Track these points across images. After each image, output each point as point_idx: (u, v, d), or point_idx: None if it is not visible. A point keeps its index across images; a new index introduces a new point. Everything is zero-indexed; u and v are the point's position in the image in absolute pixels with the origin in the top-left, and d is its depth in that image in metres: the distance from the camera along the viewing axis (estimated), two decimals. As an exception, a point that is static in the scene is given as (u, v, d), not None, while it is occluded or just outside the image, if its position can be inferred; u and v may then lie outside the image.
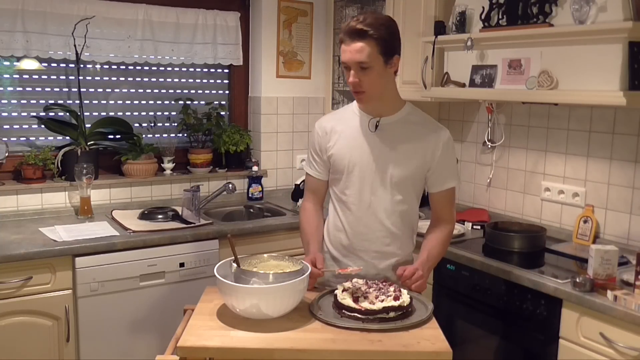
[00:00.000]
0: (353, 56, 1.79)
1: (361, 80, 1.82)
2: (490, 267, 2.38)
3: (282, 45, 3.62)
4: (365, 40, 1.77)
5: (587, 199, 2.69)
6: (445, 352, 1.52)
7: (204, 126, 3.49)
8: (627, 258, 2.34)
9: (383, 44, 1.79)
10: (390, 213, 1.96)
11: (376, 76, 1.82)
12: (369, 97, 1.87)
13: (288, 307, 1.67)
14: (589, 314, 2.03)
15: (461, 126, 3.31)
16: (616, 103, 2.10)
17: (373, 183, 1.94)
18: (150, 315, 2.70)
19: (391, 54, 1.83)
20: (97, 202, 3.10)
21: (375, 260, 1.99)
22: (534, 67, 2.38)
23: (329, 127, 2.02)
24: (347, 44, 1.81)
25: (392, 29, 1.83)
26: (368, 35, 1.77)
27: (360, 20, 1.78)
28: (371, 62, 1.79)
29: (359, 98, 1.89)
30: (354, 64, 1.80)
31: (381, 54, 1.80)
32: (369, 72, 1.81)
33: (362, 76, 1.82)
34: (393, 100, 1.95)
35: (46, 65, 3.09)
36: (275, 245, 2.93)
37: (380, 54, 1.79)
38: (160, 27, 3.29)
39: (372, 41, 1.77)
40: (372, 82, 1.83)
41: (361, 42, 1.77)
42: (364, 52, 1.78)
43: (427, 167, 1.94)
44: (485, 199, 3.19)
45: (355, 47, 1.78)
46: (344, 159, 1.97)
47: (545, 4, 2.31)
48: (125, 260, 2.61)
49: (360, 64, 1.79)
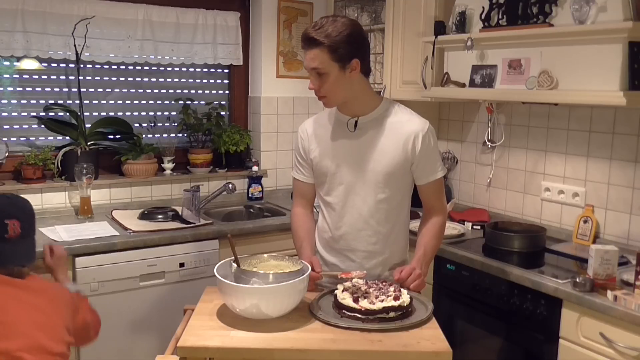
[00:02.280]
0: (308, 63, 1.84)
1: (320, 86, 1.86)
2: (490, 267, 2.38)
3: (282, 45, 3.62)
4: (318, 48, 1.80)
5: (587, 199, 2.69)
6: (445, 352, 1.52)
7: (204, 126, 3.49)
8: (627, 258, 2.34)
9: (335, 51, 1.80)
10: (375, 212, 1.96)
11: (334, 81, 1.84)
12: (330, 101, 1.91)
13: (288, 307, 1.67)
14: (589, 314, 2.03)
15: (461, 126, 3.31)
16: (616, 103, 2.10)
17: (356, 183, 1.95)
18: (150, 315, 2.70)
19: (348, 59, 1.83)
20: (97, 202, 3.10)
21: (364, 260, 2.00)
22: (534, 67, 2.38)
23: (310, 130, 2.04)
24: (304, 51, 1.86)
25: (350, 34, 1.81)
26: (319, 42, 1.79)
27: (315, 28, 1.81)
28: (325, 68, 1.82)
29: (322, 102, 1.93)
30: (311, 70, 1.85)
31: (334, 60, 1.81)
32: (326, 78, 1.84)
33: (320, 82, 1.85)
34: (368, 99, 1.95)
35: (46, 65, 3.09)
36: (275, 245, 2.93)
37: (333, 61, 1.81)
38: (160, 27, 3.29)
39: (324, 49, 1.79)
40: (330, 87, 1.85)
41: (314, 49, 1.81)
42: (317, 60, 1.81)
43: (409, 162, 1.93)
44: (485, 199, 3.19)
45: (310, 54, 1.82)
46: (325, 161, 1.98)
47: (545, 4, 2.31)
48: (125, 260, 2.61)
49: (316, 70, 1.83)
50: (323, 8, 3.69)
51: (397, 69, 3.12)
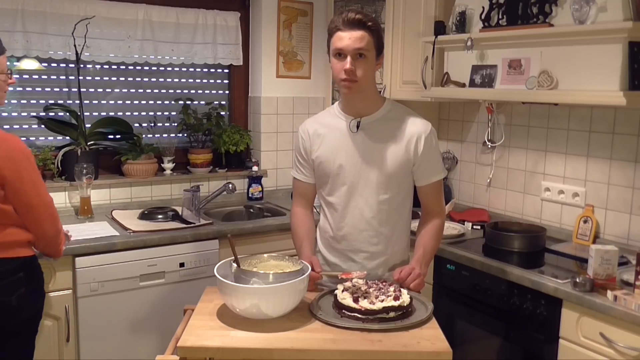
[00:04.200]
0: (353, 43, 1.81)
1: (356, 68, 1.84)
2: (490, 267, 2.38)
3: (282, 45, 3.62)
4: (366, 30, 1.83)
5: (587, 199, 2.69)
6: (445, 352, 1.52)
7: (204, 126, 3.49)
8: (627, 258, 2.34)
9: (378, 37, 1.86)
10: (377, 212, 1.96)
11: (369, 67, 1.86)
12: (359, 87, 1.87)
13: (288, 307, 1.67)
14: (589, 314, 2.03)
15: (461, 126, 3.31)
16: (616, 103, 2.10)
17: (358, 184, 1.95)
18: (150, 315, 2.70)
19: (381, 50, 1.89)
20: (97, 202, 3.10)
21: (366, 260, 2.00)
22: (534, 67, 2.38)
23: (312, 130, 2.03)
24: (345, 32, 1.82)
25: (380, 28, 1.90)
26: (367, 26, 1.82)
27: (358, 12, 1.84)
28: (369, 51, 1.84)
29: (349, 88, 1.86)
30: (352, 51, 1.82)
31: (375, 46, 1.86)
32: (365, 61, 1.84)
33: (357, 64, 1.83)
34: (373, 98, 1.96)
35: (46, 65, 3.10)
36: (275, 245, 2.94)
37: (374, 47, 1.85)
38: (160, 27, 3.29)
39: (371, 32, 1.83)
40: (366, 71, 1.85)
41: (361, 30, 1.82)
42: (364, 40, 1.82)
43: (411, 163, 1.94)
44: (485, 199, 3.19)
45: (356, 34, 1.81)
46: (328, 162, 1.98)
47: (545, 4, 2.31)
48: (125, 260, 2.61)
49: (359, 51, 1.82)
50: (323, 8, 3.69)
51: (397, 69, 3.12)
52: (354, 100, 1.94)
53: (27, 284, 2.04)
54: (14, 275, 2.00)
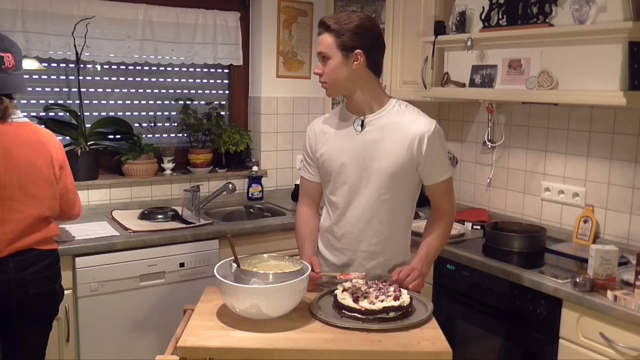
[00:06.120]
0: (318, 47, 1.92)
1: (323, 71, 1.92)
2: (490, 267, 2.38)
3: (282, 45, 3.62)
4: (327, 32, 1.88)
5: (587, 199, 2.69)
6: (445, 352, 1.52)
7: (204, 126, 3.49)
8: (627, 258, 2.34)
9: (339, 37, 1.86)
10: (377, 212, 1.95)
11: (335, 68, 1.89)
12: (331, 88, 1.95)
13: (288, 307, 1.67)
14: (589, 314, 2.03)
15: (461, 126, 3.31)
16: (616, 103, 2.10)
17: (360, 183, 1.94)
18: (150, 315, 2.70)
19: (351, 48, 1.86)
20: (97, 202, 3.11)
21: (365, 260, 1.99)
22: (534, 67, 2.38)
23: (319, 129, 2.05)
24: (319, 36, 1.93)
25: (359, 25, 1.86)
26: (328, 27, 1.87)
27: (330, 16, 1.91)
28: (329, 53, 1.88)
29: (325, 89, 1.97)
30: (318, 55, 1.92)
31: (338, 47, 1.86)
32: (328, 63, 1.89)
33: (324, 67, 1.91)
34: (375, 98, 1.96)
35: (46, 65, 3.10)
36: (275, 245, 2.94)
37: (337, 47, 1.87)
38: (160, 27, 3.29)
39: (331, 33, 1.87)
40: (331, 73, 1.90)
41: (324, 33, 1.89)
42: (323, 43, 1.89)
43: (415, 162, 1.92)
44: (485, 199, 3.19)
45: (320, 38, 1.91)
46: (331, 160, 1.98)
47: (545, 4, 2.31)
48: (125, 260, 2.61)
49: (321, 54, 1.90)
50: (323, 8, 3.69)
51: (397, 69, 3.12)
52: (351, 102, 1.96)
53: (60, 275, 2.26)
54: (55, 265, 2.21)
